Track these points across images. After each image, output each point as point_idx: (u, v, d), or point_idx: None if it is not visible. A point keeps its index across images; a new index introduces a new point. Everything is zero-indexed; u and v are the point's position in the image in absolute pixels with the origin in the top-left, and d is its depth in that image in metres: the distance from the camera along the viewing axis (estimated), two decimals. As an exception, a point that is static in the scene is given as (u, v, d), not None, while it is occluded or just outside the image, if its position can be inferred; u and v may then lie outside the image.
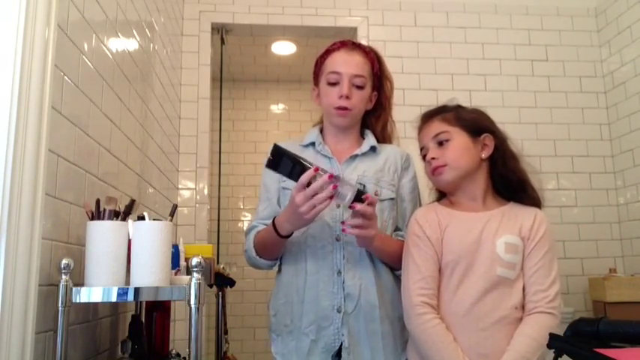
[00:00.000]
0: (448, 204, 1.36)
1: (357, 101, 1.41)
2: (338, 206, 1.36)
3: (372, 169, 1.42)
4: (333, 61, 1.43)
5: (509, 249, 1.25)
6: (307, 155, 1.41)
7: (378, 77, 1.48)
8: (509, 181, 1.33)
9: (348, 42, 1.47)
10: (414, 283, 1.26)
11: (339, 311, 1.31)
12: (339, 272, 1.33)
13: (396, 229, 1.45)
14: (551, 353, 1.09)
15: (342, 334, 1.31)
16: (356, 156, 1.43)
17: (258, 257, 1.39)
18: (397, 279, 1.41)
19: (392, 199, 1.42)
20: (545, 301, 1.22)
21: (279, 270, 1.45)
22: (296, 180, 1.19)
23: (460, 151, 1.31)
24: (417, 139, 1.41)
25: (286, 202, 1.36)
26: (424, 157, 1.37)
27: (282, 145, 1.26)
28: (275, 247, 1.37)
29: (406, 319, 1.28)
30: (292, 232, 1.30)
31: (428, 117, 1.39)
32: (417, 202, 1.48)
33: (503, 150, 1.35)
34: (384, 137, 1.52)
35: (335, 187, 1.17)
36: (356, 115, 1.44)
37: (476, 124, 1.34)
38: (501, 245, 1.25)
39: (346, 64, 1.40)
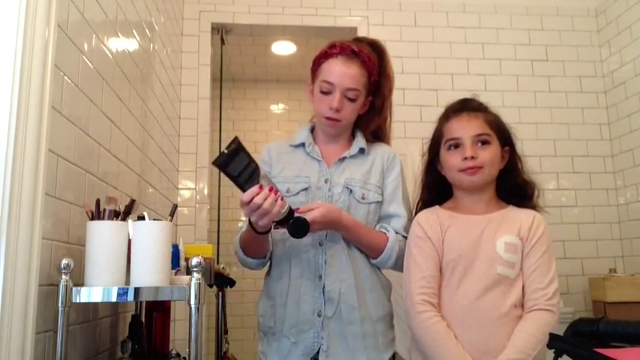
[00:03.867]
0: (450, 207, 1.37)
1: (347, 113, 1.38)
2: None
3: (360, 171, 1.41)
4: (329, 68, 1.36)
5: (509, 248, 1.26)
6: (297, 156, 1.43)
7: (376, 83, 1.44)
8: (523, 191, 1.35)
9: (347, 48, 1.37)
10: (415, 282, 1.27)
11: (319, 315, 1.32)
12: (320, 277, 1.33)
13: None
14: (551, 353, 1.10)
15: (322, 338, 1.31)
16: (344, 158, 1.43)
17: (245, 256, 1.39)
18: (379, 280, 1.40)
19: (378, 202, 1.41)
20: (544, 299, 1.23)
21: (268, 272, 1.45)
22: (239, 181, 1.17)
23: (495, 157, 1.31)
24: (449, 122, 1.35)
25: None
26: (454, 146, 1.31)
27: (272, 145, 1.32)
28: (257, 244, 1.36)
29: (407, 318, 1.29)
30: (270, 228, 1.28)
31: (473, 109, 1.35)
32: (401, 200, 1.43)
33: (515, 161, 1.36)
34: (377, 138, 1.50)
35: (281, 199, 1.19)
36: (345, 125, 1.43)
37: (507, 136, 1.35)
38: (501, 245, 1.26)
39: (341, 76, 1.34)
